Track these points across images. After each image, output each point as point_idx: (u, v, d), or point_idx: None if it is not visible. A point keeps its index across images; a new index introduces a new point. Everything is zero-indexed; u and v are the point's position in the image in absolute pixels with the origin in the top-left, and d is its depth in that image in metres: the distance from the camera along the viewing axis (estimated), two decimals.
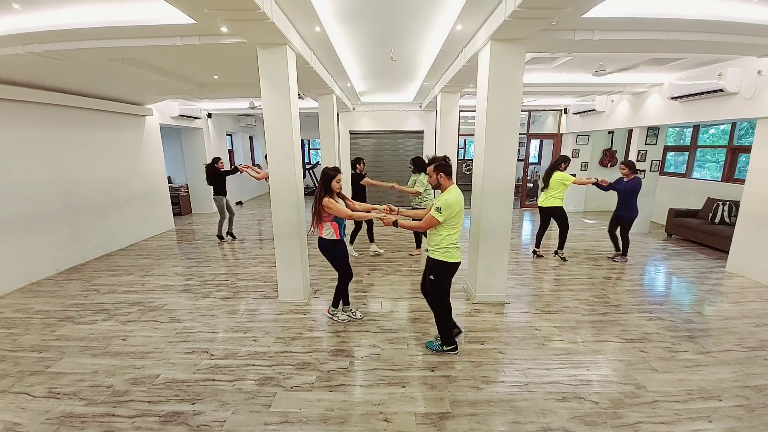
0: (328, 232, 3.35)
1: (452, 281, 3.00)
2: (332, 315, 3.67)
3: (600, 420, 2.32)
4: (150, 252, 6.20)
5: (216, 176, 6.49)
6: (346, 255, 3.53)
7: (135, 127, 6.84)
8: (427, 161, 3.03)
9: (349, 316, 3.66)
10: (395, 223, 3.03)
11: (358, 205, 3.53)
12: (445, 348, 3.07)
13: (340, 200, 3.37)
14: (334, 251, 3.44)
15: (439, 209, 2.76)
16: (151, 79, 5.08)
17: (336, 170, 3.29)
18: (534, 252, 5.70)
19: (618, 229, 5.50)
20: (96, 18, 3.15)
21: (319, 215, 3.28)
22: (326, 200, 3.22)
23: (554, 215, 5.46)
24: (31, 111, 4.77)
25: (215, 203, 6.64)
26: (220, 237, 6.83)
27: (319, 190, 3.26)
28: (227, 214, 6.74)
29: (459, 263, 2.91)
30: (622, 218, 5.36)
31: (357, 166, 5.71)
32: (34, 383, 2.73)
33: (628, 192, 5.20)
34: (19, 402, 2.53)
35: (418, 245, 5.90)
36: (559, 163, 5.46)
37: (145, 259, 5.77)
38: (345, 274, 3.51)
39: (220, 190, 6.55)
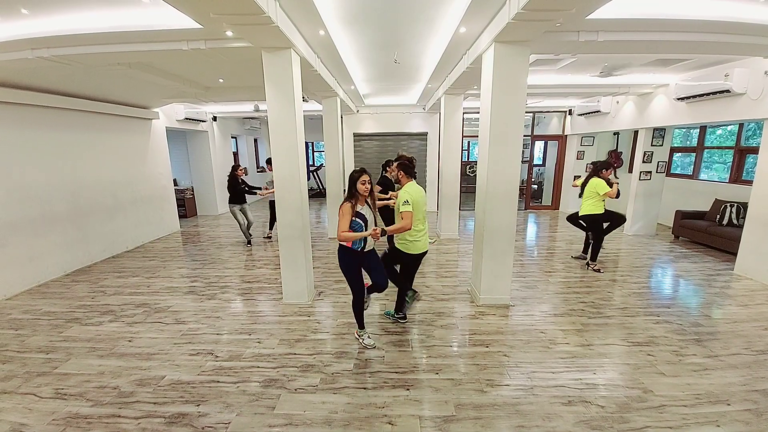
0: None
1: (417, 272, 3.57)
2: (359, 337, 3.33)
3: (606, 424, 2.30)
4: (156, 254, 6.24)
5: (234, 185, 6.40)
6: (355, 269, 3.11)
7: (141, 131, 6.91)
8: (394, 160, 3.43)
9: (360, 339, 3.31)
10: (383, 232, 3.01)
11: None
12: (395, 315, 3.60)
13: (365, 206, 3.07)
14: (343, 262, 3.11)
15: (406, 201, 3.10)
16: (158, 82, 5.14)
17: (361, 171, 3.02)
18: (581, 258, 5.51)
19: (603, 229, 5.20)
20: (103, 23, 3.19)
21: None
22: (344, 205, 2.97)
23: (589, 223, 5.13)
24: (38, 114, 4.84)
25: (230, 210, 6.56)
26: (249, 242, 6.75)
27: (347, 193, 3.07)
28: (241, 221, 6.60)
29: (416, 255, 3.35)
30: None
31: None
32: (41, 384, 2.75)
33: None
34: (26, 403, 2.55)
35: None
36: (600, 168, 5.00)
37: (150, 261, 5.82)
38: (353, 291, 3.17)
39: (237, 198, 6.47)
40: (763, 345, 3.19)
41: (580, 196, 5.26)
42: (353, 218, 2.97)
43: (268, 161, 6.21)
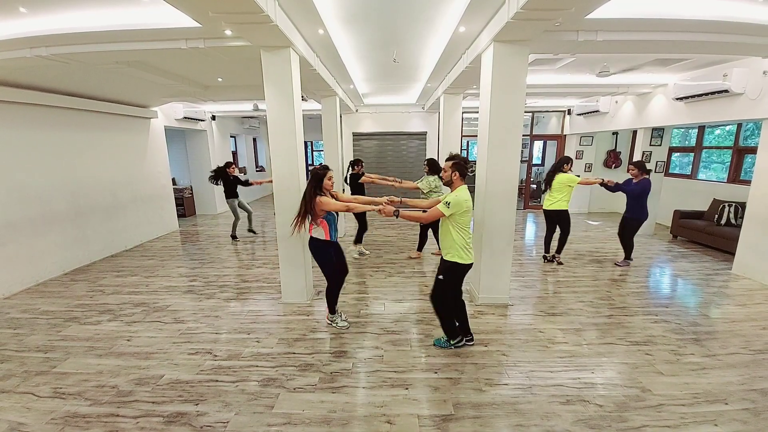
0: (318, 232, 3.29)
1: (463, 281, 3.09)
2: (331, 321, 3.58)
3: (605, 423, 2.30)
4: (155, 253, 6.23)
5: (225, 180, 6.59)
6: (332, 258, 3.40)
7: (140, 130, 6.90)
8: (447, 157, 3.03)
9: (333, 324, 3.56)
10: (396, 214, 2.98)
11: (355, 199, 3.48)
12: (452, 342, 3.13)
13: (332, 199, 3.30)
14: (321, 253, 3.35)
15: (447, 203, 2.78)
16: (156, 81, 5.13)
17: (325, 168, 3.24)
18: (545, 257, 5.55)
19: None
20: (102, 22, 3.18)
21: (311, 214, 3.21)
22: (320, 198, 3.16)
23: (559, 219, 5.34)
24: (37, 114, 4.82)
25: (228, 206, 6.85)
26: (234, 237, 6.97)
27: (309, 190, 3.20)
28: (240, 216, 6.97)
29: (471, 264, 2.94)
30: (630, 220, 5.21)
31: (355, 167, 5.69)
32: (39, 383, 2.75)
33: (637, 194, 5.05)
34: (25, 402, 2.55)
35: (420, 248, 5.80)
36: (562, 164, 5.28)
37: (149, 261, 5.81)
38: (330, 279, 3.42)
39: (230, 193, 6.71)
40: (761, 344, 3.20)
41: (544, 192, 5.46)
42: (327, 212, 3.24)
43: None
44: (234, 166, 6.73)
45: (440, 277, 2.99)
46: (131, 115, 6.51)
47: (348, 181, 5.82)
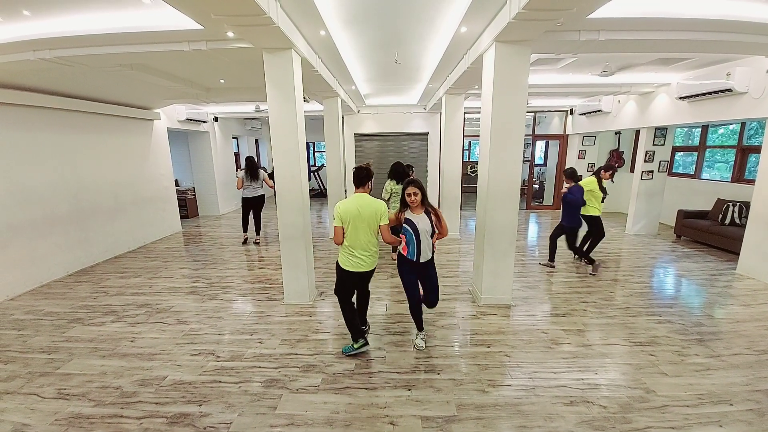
0: (401, 245, 3.07)
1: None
2: (414, 338, 3.33)
3: (609, 425, 2.29)
4: (157, 254, 6.26)
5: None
6: (409, 277, 3.08)
7: (143, 131, 6.93)
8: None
9: (416, 342, 3.25)
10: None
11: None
12: (355, 346, 3.08)
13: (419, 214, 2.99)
14: (399, 267, 3.14)
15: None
16: (159, 84, 5.15)
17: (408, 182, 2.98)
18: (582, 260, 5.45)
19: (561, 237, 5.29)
20: (105, 24, 3.20)
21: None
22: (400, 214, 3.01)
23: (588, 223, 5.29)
24: (40, 116, 4.85)
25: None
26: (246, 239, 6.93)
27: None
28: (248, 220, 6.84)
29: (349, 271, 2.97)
30: (565, 227, 5.13)
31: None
32: (43, 384, 2.76)
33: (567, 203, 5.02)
34: (29, 403, 2.56)
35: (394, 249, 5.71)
36: (599, 170, 5.24)
37: (152, 262, 5.83)
38: (408, 296, 3.15)
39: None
40: (766, 345, 3.18)
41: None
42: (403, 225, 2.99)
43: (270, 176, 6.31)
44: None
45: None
46: (134, 117, 6.54)
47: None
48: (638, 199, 7.12)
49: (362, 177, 3.00)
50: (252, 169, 6.42)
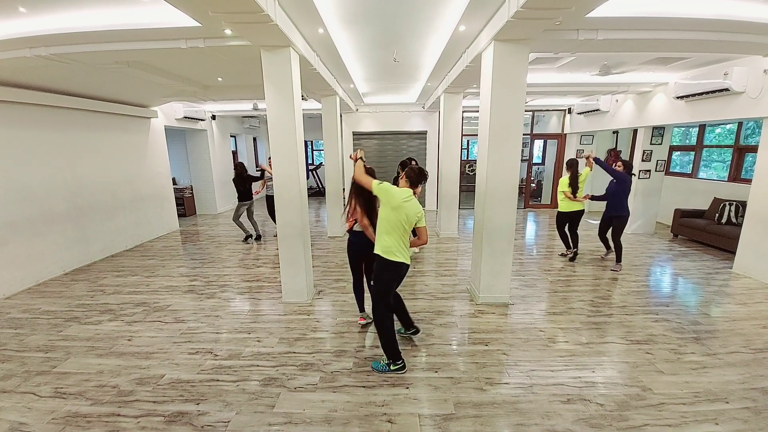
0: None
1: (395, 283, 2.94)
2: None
3: (605, 422, 2.30)
4: (155, 253, 6.24)
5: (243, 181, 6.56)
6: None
7: (140, 130, 6.89)
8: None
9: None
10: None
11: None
12: (391, 368, 2.82)
13: None
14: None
15: (380, 182, 2.81)
16: (156, 81, 5.13)
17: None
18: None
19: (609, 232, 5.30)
20: (102, 21, 3.18)
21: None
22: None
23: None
24: (36, 113, 4.82)
25: (239, 210, 6.69)
26: (249, 236, 6.88)
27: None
28: (238, 216, 6.70)
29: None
30: (614, 218, 5.10)
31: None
32: (40, 383, 2.75)
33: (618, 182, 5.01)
34: (26, 402, 2.55)
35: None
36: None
37: (150, 260, 5.81)
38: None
39: (241, 196, 6.62)
40: (762, 343, 3.20)
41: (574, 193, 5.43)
42: None
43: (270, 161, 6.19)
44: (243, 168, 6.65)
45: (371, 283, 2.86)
46: (131, 114, 6.51)
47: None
48: (635, 198, 7.13)
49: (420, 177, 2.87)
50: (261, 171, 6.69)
